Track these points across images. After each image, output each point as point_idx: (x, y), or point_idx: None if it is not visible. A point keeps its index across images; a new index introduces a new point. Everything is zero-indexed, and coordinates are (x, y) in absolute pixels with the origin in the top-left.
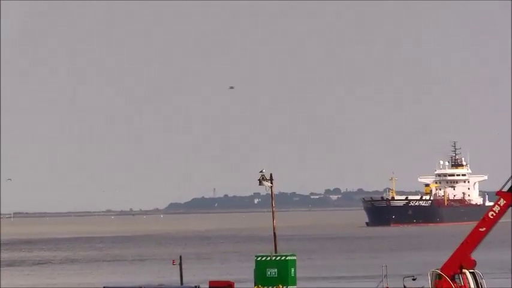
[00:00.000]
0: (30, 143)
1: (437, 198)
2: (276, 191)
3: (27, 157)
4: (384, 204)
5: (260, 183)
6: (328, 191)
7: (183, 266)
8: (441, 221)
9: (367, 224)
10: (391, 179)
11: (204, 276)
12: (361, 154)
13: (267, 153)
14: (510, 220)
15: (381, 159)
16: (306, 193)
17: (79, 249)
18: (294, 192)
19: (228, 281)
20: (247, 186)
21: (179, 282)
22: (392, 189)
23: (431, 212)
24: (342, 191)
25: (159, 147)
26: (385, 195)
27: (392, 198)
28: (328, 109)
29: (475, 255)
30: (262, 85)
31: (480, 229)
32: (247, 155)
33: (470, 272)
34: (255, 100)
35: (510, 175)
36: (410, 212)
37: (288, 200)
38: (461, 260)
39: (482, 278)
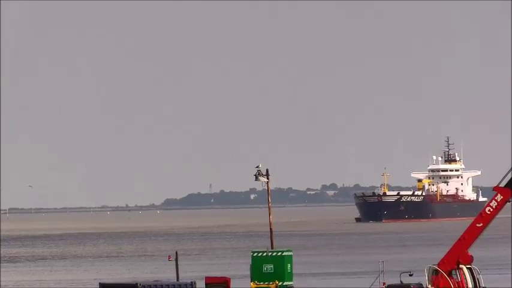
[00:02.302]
0: (27, 139)
1: (430, 193)
2: (272, 186)
3: (24, 153)
4: (375, 199)
5: (256, 178)
6: (324, 187)
7: (178, 262)
8: (433, 217)
9: (357, 219)
10: (383, 174)
11: (200, 272)
12: (358, 149)
13: (263, 148)
14: (510, 216)
15: (378, 154)
16: (303, 188)
17: (75, 245)
18: (291, 188)
19: (225, 277)
20: (243, 182)
21: (175, 278)
22: (384, 185)
23: (423, 208)
24: (339, 187)
25: (156, 143)
26: (376, 191)
27: (384, 194)
28: (325, 105)
29: (471, 251)
30: (259, 80)
31: (477, 225)
32: (244, 151)
33: (467, 268)
34: (252, 95)
35: (507, 170)
36: (402, 207)
37: (284, 196)
38: (458, 256)
39: (479, 274)
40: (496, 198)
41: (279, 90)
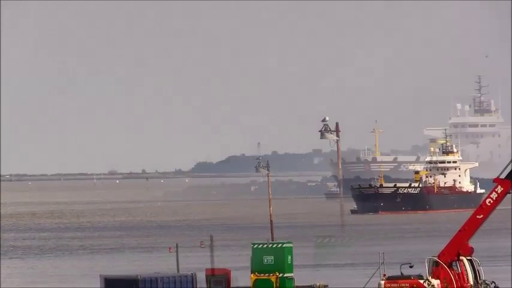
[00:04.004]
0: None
1: (427, 185)
2: (272, 178)
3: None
4: (372, 191)
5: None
6: (325, 178)
7: (179, 254)
8: (431, 209)
9: (352, 211)
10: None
11: (201, 264)
12: (357, 141)
13: (264, 140)
14: (510, 207)
15: (378, 145)
16: (303, 180)
17: (75, 237)
18: (291, 180)
19: (225, 269)
20: (243, 174)
21: (176, 270)
22: (381, 177)
23: (420, 200)
24: (339, 178)
25: (158, 131)
26: (373, 183)
27: (381, 186)
28: (324, 91)
29: (472, 242)
30: (260, 72)
31: (477, 216)
32: (244, 142)
33: (467, 259)
34: (254, 86)
35: (507, 162)
36: (398, 199)
37: (285, 188)
38: (458, 247)
39: (479, 265)
40: (496, 189)
41: (281, 81)
